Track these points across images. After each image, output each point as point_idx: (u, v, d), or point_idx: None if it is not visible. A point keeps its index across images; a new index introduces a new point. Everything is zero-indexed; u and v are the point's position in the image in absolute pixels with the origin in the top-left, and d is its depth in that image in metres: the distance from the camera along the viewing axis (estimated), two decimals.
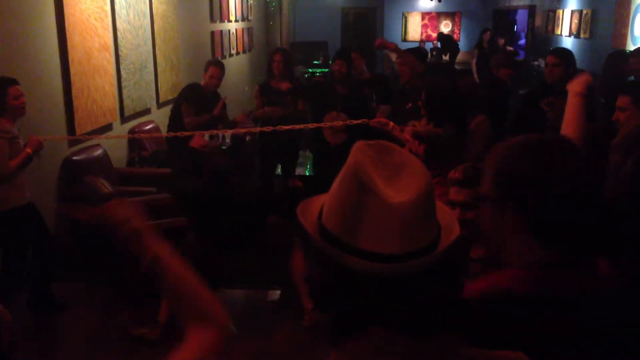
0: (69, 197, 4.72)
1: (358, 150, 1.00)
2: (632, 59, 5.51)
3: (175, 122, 5.20)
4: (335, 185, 1.01)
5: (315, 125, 4.68)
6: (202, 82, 5.30)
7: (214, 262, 3.65)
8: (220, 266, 3.84)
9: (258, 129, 4.12)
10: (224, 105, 5.32)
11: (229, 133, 5.84)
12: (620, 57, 5.65)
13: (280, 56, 5.44)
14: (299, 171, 6.25)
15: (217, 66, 5.31)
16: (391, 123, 3.64)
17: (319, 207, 1.05)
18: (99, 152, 5.12)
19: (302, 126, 4.59)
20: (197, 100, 5.15)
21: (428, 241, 0.97)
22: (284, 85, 5.38)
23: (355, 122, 4.10)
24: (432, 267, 0.97)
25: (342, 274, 0.97)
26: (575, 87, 2.23)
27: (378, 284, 0.95)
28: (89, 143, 5.12)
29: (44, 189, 4.54)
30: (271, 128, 4.08)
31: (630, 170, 1.78)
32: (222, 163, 5.84)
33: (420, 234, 0.97)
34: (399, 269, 0.94)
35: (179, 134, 4.54)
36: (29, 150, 3.73)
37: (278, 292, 4.55)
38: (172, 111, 5.38)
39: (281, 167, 5.93)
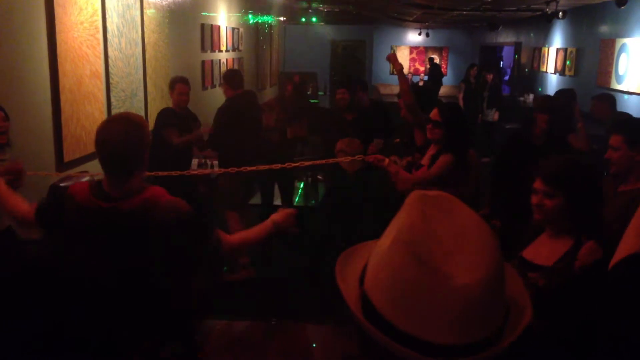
0: None
1: (413, 207, 0.84)
2: (594, 101, 5.53)
3: (158, 149, 5.21)
4: (384, 248, 0.84)
5: (333, 160, 4.62)
6: (172, 103, 5.38)
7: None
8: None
9: (267, 167, 3.98)
10: (199, 126, 5.52)
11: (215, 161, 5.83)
12: (570, 95, 5.66)
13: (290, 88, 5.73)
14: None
15: (183, 82, 5.38)
16: (387, 159, 3.65)
17: (362, 264, 0.89)
18: (86, 179, 5.07)
19: (318, 162, 4.51)
20: (176, 123, 5.22)
21: (492, 329, 0.81)
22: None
23: (352, 158, 4.10)
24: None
25: (384, 358, 0.82)
26: None
27: None
28: (76, 169, 5.08)
29: None
30: (288, 165, 3.98)
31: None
32: (206, 193, 5.85)
33: (485, 321, 0.80)
34: None
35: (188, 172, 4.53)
36: None
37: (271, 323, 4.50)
38: (153, 139, 5.40)
39: (282, 197, 5.99)
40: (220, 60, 9.74)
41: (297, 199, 6.93)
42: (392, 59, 4.51)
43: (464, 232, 0.81)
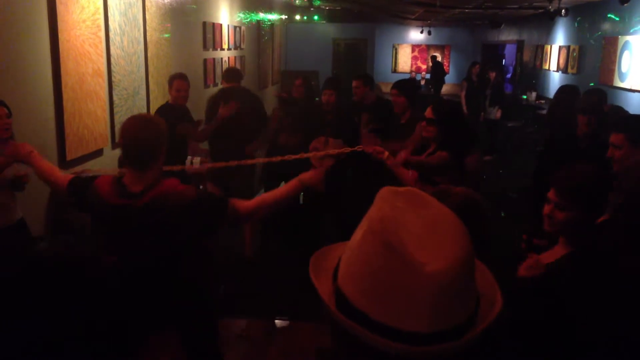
0: (59, 222, 4.67)
1: (384, 201, 0.85)
2: (583, 96, 5.48)
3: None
4: (355, 240, 0.85)
5: (323, 153, 4.58)
6: (170, 100, 5.41)
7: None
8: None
9: (265, 159, 4.15)
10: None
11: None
12: (572, 92, 5.65)
13: (301, 81, 5.91)
14: None
15: (181, 79, 5.40)
16: (386, 152, 3.64)
17: (335, 262, 0.90)
18: (88, 176, 5.07)
19: (307, 155, 4.54)
20: (178, 120, 5.31)
21: (463, 318, 0.81)
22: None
23: (350, 149, 4.10)
24: (466, 350, 0.82)
25: (358, 351, 0.83)
26: None
27: None
28: (78, 167, 5.08)
29: (32, 213, 4.48)
30: (279, 158, 4.03)
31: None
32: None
33: (456, 308, 0.80)
34: (424, 353, 0.79)
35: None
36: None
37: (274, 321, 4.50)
38: None
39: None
40: (222, 58, 9.74)
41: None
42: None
43: (434, 223, 0.83)
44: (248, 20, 11.79)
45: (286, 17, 15.83)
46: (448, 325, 0.79)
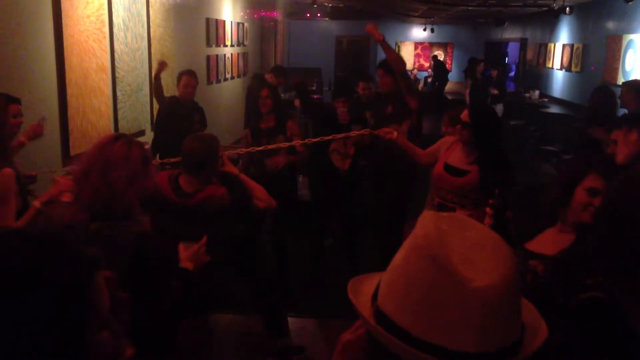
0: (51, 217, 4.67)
1: (428, 222, 0.84)
2: (624, 88, 5.49)
3: (161, 134, 5.33)
4: (397, 260, 0.84)
5: (328, 137, 4.48)
6: (178, 94, 5.48)
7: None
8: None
9: (261, 147, 4.14)
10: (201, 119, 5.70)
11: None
12: (607, 90, 5.65)
13: (267, 92, 4.82)
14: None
15: (189, 75, 5.46)
16: (395, 132, 3.64)
17: (374, 287, 0.88)
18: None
19: (308, 140, 4.53)
20: (187, 112, 5.45)
21: (509, 341, 0.79)
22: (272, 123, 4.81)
23: (359, 132, 4.10)
24: None
25: None
26: None
27: None
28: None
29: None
30: (285, 144, 3.98)
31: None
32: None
33: (502, 329, 0.78)
34: None
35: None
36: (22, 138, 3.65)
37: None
38: (158, 124, 5.55)
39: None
40: (225, 55, 9.73)
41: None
42: (371, 30, 4.50)
43: (478, 243, 0.82)
44: (251, 16, 11.78)
45: (289, 13, 15.81)
46: (493, 346, 0.77)
